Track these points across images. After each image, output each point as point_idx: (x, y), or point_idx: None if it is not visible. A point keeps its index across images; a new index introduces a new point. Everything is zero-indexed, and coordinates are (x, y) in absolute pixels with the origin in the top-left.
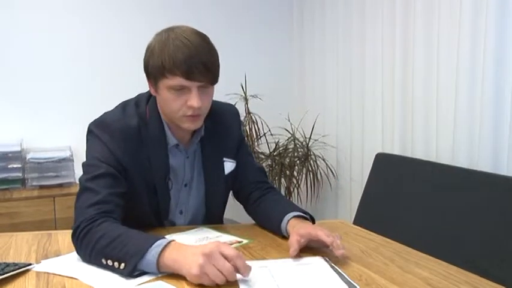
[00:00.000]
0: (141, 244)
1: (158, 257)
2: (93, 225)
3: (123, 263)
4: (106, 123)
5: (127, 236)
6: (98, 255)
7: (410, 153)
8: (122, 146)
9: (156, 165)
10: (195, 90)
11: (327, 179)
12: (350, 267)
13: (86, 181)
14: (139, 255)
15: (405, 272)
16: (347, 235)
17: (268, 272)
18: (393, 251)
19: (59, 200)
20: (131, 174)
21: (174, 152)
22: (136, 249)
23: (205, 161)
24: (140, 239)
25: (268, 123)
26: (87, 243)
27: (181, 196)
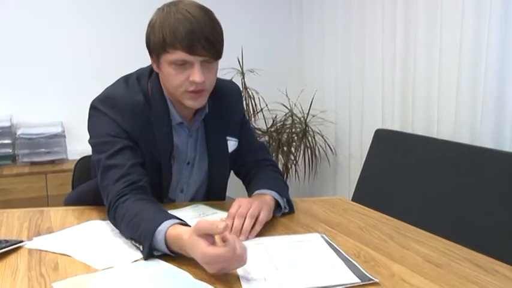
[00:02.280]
0: (150, 225)
1: (166, 241)
2: (120, 201)
3: (141, 244)
4: (112, 99)
5: (141, 217)
6: (125, 235)
7: (410, 129)
8: (130, 121)
9: (160, 142)
10: (198, 65)
11: (325, 156)
12: (348, 244)
13: (106, 159)
14: (149, 236)
15: (404, 249)
16: (345, 212)
17: (264, 249)
18: (392, 228)
19: (51, 177)
20: (140, 149)
21: (177, 130)
22: (147, 231)
23: (209, 140)
24: (150, 219)
25: (266, 98)
26: (116, 222)
27: (183, 174)
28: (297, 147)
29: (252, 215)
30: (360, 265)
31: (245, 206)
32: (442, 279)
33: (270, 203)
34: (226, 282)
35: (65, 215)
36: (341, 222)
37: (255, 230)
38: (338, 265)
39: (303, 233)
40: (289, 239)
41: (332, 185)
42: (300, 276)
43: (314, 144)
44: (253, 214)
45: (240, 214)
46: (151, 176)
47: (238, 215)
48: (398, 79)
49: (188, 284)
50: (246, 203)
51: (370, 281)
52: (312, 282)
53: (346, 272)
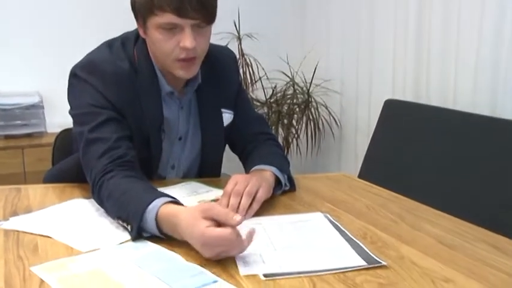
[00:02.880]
0: (139, 204)
1: (156, 221)
2: (105, 178)
3: (129, 224)
4: (94, 65)
5: (130, 194)
6: (111, 214)
7: (424, 100)
8: (114, 91)
9: (149, 114)
10: (189, 30)
11: (329, 129)
12: (353, 224)
13: (89, 132)
14: (138, 216)
15: (415, 230)
16: (351, 190)
17: (262, 229)
18: (402, 207)
19: (28, 152)
20: (126, 122)
21: (167, 101)
22: (136, 210)
23: (202, 112)
24: (139, 197)
25: (265, 66)
26: (101, 201)
27: (174, 150)
28: (298, 120)
29: (250, 193)
30: (366, 247)
31: (242, 183)
32: (455, 262)
33: (269, 180)
34: (221, 264)
35: (45, 193)
36: (346, 200)
37: (253, 208)
38: (343, 247)
39: (305, 212)
40: (289, 218)
41: (337, 160)
42: (301, 259)
43: (317, 117)
44: (251, 192)
45: (237, 192)
46: (139, 151)
47: (235, 193)
48: (411, 44)
49: (180, 266)
50: (243, 179)
51: (378, 264)
52: (314, 265)
53: (351, 254)
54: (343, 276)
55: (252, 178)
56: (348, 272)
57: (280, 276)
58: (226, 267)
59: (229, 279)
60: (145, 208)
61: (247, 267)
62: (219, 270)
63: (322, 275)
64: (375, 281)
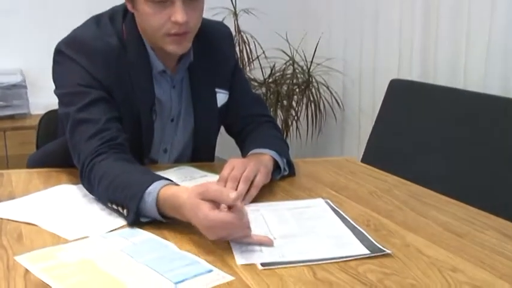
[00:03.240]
0: (137, 185)
1: (157, 203)
2: (96, 161)
3: (125, 208)
4: (81, 42)
5: (126, 177)
6: (103, 199)
7: (432, 80)
8: (103, 68)
9: (140, 94)
10: (180, 3)
11: (331, 110)
12: (356, 211)
13: (76, 113)
14: (137, 198)
15: (421, 217)
16: (354, 175)
17: (261, 216)
18: (408, 193)
19: (10, 135)
20: (116, 102)
21: (159, 79)
22: (134, 192)
23: (195, 92)
24: (137, 179)
25: (262, 44)
26: (91, 185)
27: (167, 132)
28: (298, 101)
29: (247, 178)
30: (369, 235)
31: (239, 167)
32: (463, 250)
33: (267, 164)
34: (216, 253)
35: (29, 178)
36: (349, 186)
37: (251, 195)
38: (345, 235)
39: (305, 198)
40: (289, 205)
41: (339, 144)
42: (301, 247)
43: (318, 98)
44: (249, 177)
45: (233, 177)
46: (130, 133)
47: (231, 178)
48: (419, 21)
49: (173, 255)
50: (240, 164)
51: (382, 253)
52: (315, 254)
53: (353, 242)
54: (345, 265)
55: (249, 162)
56: (350, 261)
57: (278, 265)
58: (222, 256)
59: (225, 268)
60: (144, 190)
61: (244, 256)
62: (214, 259)
63: (323, 264)
64: (378, 271)
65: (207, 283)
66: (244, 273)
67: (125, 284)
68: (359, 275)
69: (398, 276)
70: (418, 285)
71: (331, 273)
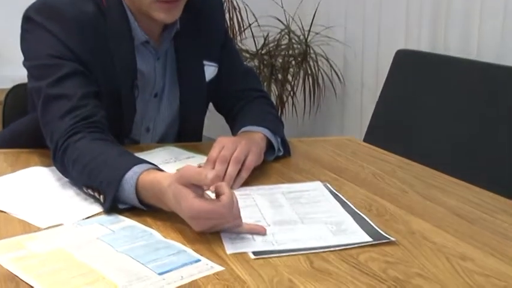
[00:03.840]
0: (115, 170)
1: (137, 189)
2: (70, 141)
3: (102, 194)
4: (52, 8)
5: (102, 160)
6: (78, 183)
7: (442, 51)
8: (79, 38)
9: (120, 67)
10: None
11: (330, 85)
12: (357, 195)
13: (49, 87)
14: (114, 184)
15: (427, 200)
16: (355, 155)
17: (253, 201)
18: (413, 175)
19: None
20: (93, 75)
21: (141, 51)
22: (111, 177)
23: (181, 64)
24: (115, 163)
25: (255, 11)
26: (65, 168)
27: (150, 109)
28: (295, 75)
29: (238, 159)
30: (371, 220)
31: (229, 147)
32: (473, 237)
33: (260, 144)
34: (204, 241)
35: None
36: (349, 167)
37: (241, 177)
38: (345, 221)
39: (302, 181)
40: (284, 188)
41: (339, 122)
42: (297, 235)
43: (317, 71)
44: (239, 158)
45: (223, 158)
46: (109, 110)
47: (220, 160)
48: None
49: (157, 244)
50: (230, 143)
51: (385, 240)
52: (312, 242)
53: (354, 229)
54: (344, 253)
55: (240, 142)
56: (350, 249)
57: (272, 254)
58: (210, 245)
59: (214, 258)
60: (122, 175)
61: (235, 245)
62: (202, 248)
63: (321, 253)
64: (381, 259)
65: (194, 274)
66: (235, 263)
67: (104, 274)
68: (360, 265)
69: (403, 265)
70: (424, 275)
71: (329, 263)
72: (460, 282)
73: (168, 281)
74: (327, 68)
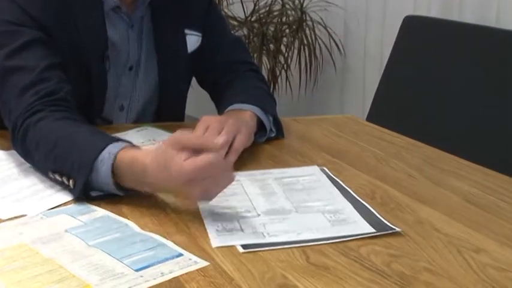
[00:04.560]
0: (87, 150)
1: (113, 173)
2: (31, 121)
3: (71, 179)
4: None
5: (71, 141)
6: (42, 168)
7: (456, 17)
8: (38, 4)
9: (88, 35)
10: None
11: (329, 57)
12: (359, 181)
13: (6, 59)
14: (86, 167)
15: (438, 186)
16: (357, 136)
17: (241, 188)
18: (422, 158)
19: None
20: (57, 45)
21: (112, 18)
22: (82, 159)
23: (159, 33)
24: (86, 143)
25: None
26: (27, 151)
27: (124, 85)
28: (289, 45)
29: (225, 141)
30: (375, 209)
31: (215, 127)
32: (488, 227)
33: (249, 123)
34: (187, 233)
35: None
36: (350, 150)
37: (229, 161)
38: (344, 209)
39: (297, 165)
40: (276, 174)
41: (339, 98)
42: (291, 225)
43: (314, 40)
44: (227, 139)
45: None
46: (76, 85)
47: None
48: None
49: (133, 237)
50: (215, 123)
51: (389, 231)
52: (308, 234)
53: (355, 218)
54: (344, 246)
55: (227, 121)
56: (350, 241)
57: (263, 247)
58: (194, 237)
59: (198, 252)
60: (96, 155)
61: (222, 237)
62: (184, 241)
63: (318, 246)
64: (384, 252)
65: (175, 270)
66: (222, 258)
67: (73, 272)
68: (361, 258)
69: (409, 259)
70: (433, 269)
71: (327, 257)
72: (473, 277)
73: (146, 278)
74: (325, 37)
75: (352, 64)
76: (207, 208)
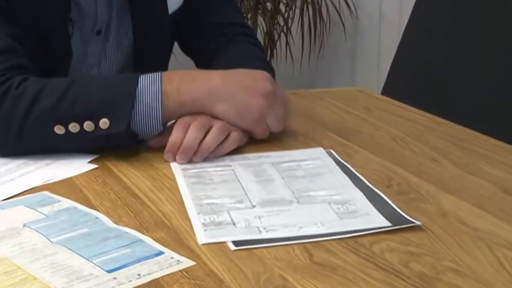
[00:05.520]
0: (117, 86)
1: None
2: (8, 85)
3: (104, 117)
4: None
5: (88, 82)
6: (42, 125)
7: None
8: None
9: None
10: None
11: (338, 17)
12: (373, 166)
13: None
14: (128, 96)
15: (466, 172)
16: (369, 112)
17: (232, 174)
18: (447, 138)
19: None
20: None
21: None
22: (118, 91)
23: None
24: (112, 80)
25: None
26: (12, 113)
27: (91, 51)
28: (289, 3)
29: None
30: (391, 199)
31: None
32: None
33: None
34: (168, 229)
35: None
36: (362, 129)
37: (224, 148)
38: (355, 200)
39: (298, 147)
40: (274, 158)
41: (349, 67)
42: (292, 219)
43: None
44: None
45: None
46: (35, 55)
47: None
48: None
49: (106, 233)
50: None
51: (408, 225)
52: (312, 228)
53: (367, 210)
54: (354, 243)
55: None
56: (362, 236)
57: (259, 244)
58: (177, 233)
59: (181, 250)
60: (134, 85)
61: (209, 232)
62: (165, 237)
63: (323, 242)
64: (402, 250)
65: (155, 270)
66: (210, 256)
67: (34, 273)
68: (374, 257)
69: (431, 257)
70: (460, 270)
71: (334, 254)
72: (506, 278)
73: (120, 280)
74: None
75: (365, 27)
76: (191, 198)
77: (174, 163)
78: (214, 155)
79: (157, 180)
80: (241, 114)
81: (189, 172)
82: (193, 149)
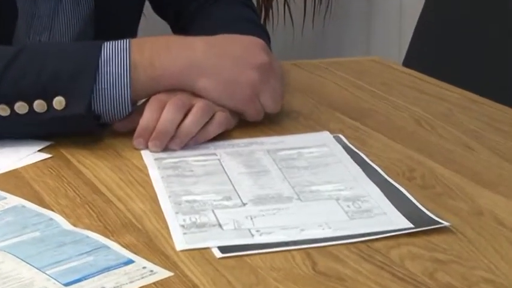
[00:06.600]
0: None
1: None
2: None
3: (59, 95)
4: None
5: (37, 50)
6: None
7: None
8: None
9: None
10: None
11: None
12: (390, 154)
13: None
14: (88, 70)
15: (505, 161)
16: (387, 86)
17: (218, 164)
18: (483, 120)
19: None
20: None
21: None
22: (78, 62)
23: None
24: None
25: None
26: None
27: (40, 13)
28: None
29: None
30: (413, 195)
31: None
32: None
33: None
34: (140, 232)
35: None
36: (378, 109)
37: (208, 132)
38: (369, 196)
39: (299, 132)
40: (269, 144)
41: (363, 33)
42: (291, 219)
43: None
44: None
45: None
46: None
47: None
48: None
49: (62, 237)
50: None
51: (434, 226)
52: (316, 230)
53: (385, 208)
54: (367, 248)
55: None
56: (376, 240)
57: (250, 250)
58: (150, 237)
59: (155, 257)
60: (97, 55)
61: (190, 236)
62: (136, 242)
63: (329, 247)
64: (426, 257)
65: (123, 283)
66: (190, 266)
67: None
68: (392, 265)
69: (462, 266)
70: (495, 280)
71: (342, 262)
72: None
73: None
74: None
75: None
76: (167, 194)
77: (146, 151)
78: (196, 141)
79: (125, 173)
80: (228, 91)
81: (165, 162)
82: (170, 134)
